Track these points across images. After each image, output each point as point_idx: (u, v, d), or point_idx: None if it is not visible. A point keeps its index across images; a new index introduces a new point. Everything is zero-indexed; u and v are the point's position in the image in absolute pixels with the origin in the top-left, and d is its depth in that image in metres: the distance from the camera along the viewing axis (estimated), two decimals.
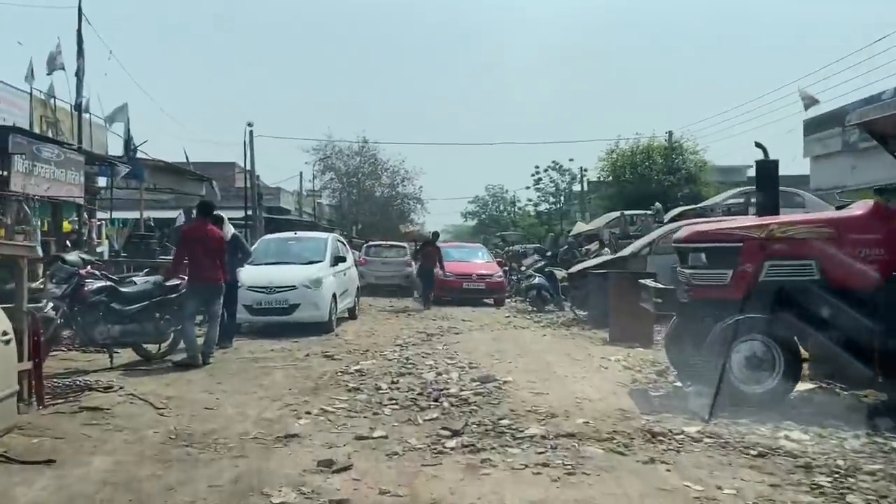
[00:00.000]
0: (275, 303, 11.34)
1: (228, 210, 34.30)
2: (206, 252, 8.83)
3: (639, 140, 35.21)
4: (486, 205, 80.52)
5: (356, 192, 54.12)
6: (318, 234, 14.03)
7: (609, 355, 9.02)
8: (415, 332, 12.14)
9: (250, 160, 31.66)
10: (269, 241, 13.71)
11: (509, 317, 15.55)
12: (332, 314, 11.87)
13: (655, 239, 13.78)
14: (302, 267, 12.03)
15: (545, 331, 12.41)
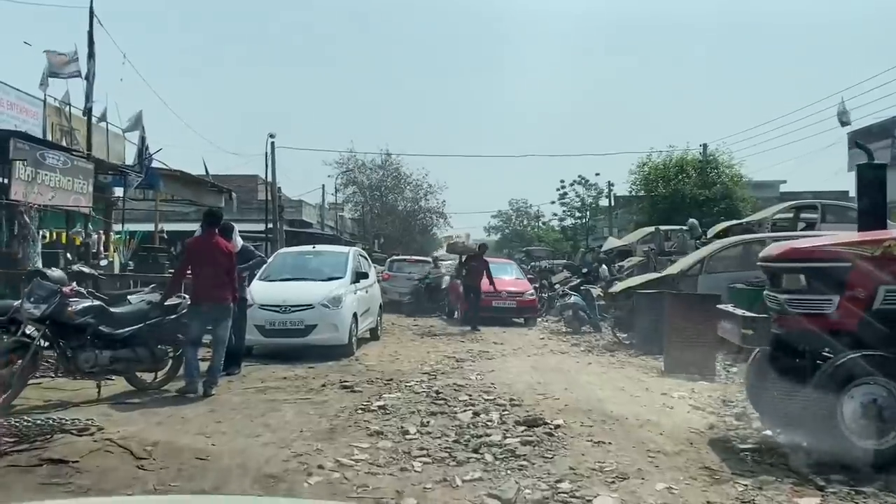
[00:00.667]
0: (289, 323, 10.27)
1: (249, 223, 33.94)
2: (213, 267, 7.80)
3: (672, 153, 33.98)
4: (510, 219, 79.51)
5: (379, 205, 53.48)
6: (339, 249, 13.01)
7: (670, 390, 7.80)
8: (443, 356, 11.00)
9: (272, 172, 30.84)
10: (286, 255, 12.66)
11: (544, 339, 14.35)
12: (353, 336, 10.78)
13: (707, 256, 12.55)
14: (320, 284, 10.96)
15: (588, 357, 11.20)
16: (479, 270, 15.87)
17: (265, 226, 31.22)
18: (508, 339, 14.05)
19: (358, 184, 52.55)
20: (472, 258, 16.82)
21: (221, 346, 8.00)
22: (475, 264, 16.17)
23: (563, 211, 62.21)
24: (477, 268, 15.97)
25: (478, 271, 15.87)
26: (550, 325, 17.71)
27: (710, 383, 8.42)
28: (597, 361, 10.36)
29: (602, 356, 11.28)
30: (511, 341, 13.67)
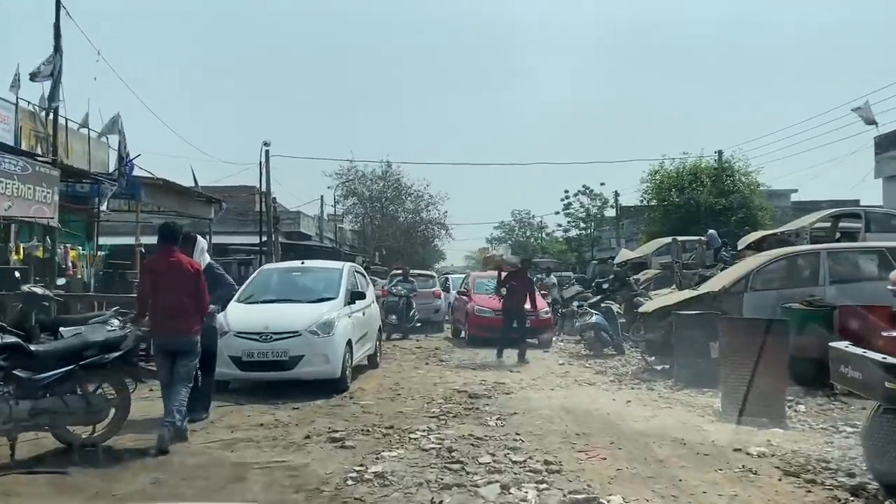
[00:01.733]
0: (271, 354, 8.67)
1: (246, 235, 32.45)
2: (175, 292, 6.28)
3: (685, 160, 32.43)
4: (513, 230, 78.09)
5: (379, 217, 52.17)
6: (331, 264, 11.40)
7: (743, 443, 6.18)
8: (453, 390, 9.40)
9: (266, 181, 29.31)
10: (269, 272, 11.05)
11: (563, 364, 12.74)
12: (347, 368, 9.18)
13: (753, 271, 10.95)
14: (308, 307, 9.36)
15: (622, 390, 9.57)
16: (521, 290, 13.18)
17: (259, 238, 29.68)
18: (525, 367, 12.43)
19: (358, 195, 51.33)
20: (513, 276, 13.49)
21: (184, 387, 6.48)
22: (516, 283, 13.26)
23: (568, 221, 60.65)
24: (519, 287, 13.19)
25: (520, 292, 13.17)
26: (566, 345, 16.10)
27: (785, 430, 6.82)
28: (636, 398, 8.72)
29: (637, 388, 9.66)
30: (528, 368, 12.06)
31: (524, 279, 13.56)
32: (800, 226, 15.65)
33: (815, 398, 8.47)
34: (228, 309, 9.24)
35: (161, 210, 22.82)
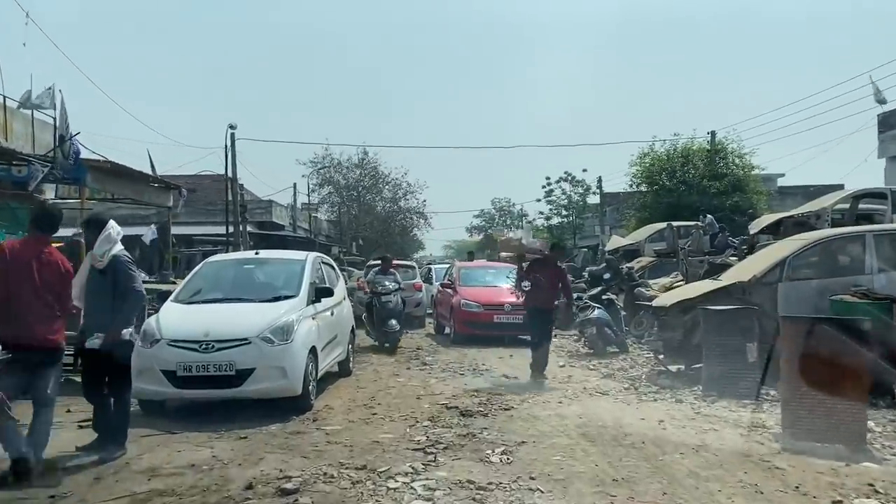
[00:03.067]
0: (213, 368, 6.91)
1: (213, 225, 30.44)
2: (34, 293, 4.59)
3: (677, 142, 30.92)
4: (493, 219, 76.55)
5: (356, 206, 50.42)
6: (292, 255, 9.52)
7: (839, 488, 4.57)
8: (440, 405, 7.73)
9: (231, 166, 27.31)
10: (216, 265, 9.13)
11: (564, 366, 11.11)
12: (310, 382, 7.45)
13: (789, 257, 9.37)
14: (262, 307, 7.60)
15: (644, 401, 7.94)
16: (549, 284, 9.98)
17: (226, 228, 27.75)
18: (521, 368, 10.75)
19: (334, 183, 49.49)
20: (538, 266, 10.15)
21: (47, 412, 4.87)
22: (542, 275, 9.94)
23: (550, 209, 59.14)
24: (546, 280, 9.94)
25: (547, 286, 9.97)
26: (561, 341, 14.48)
27: (878, 465, 5.23)
28: (667, 415, 7.08)
29: (661, 399, 8.04)
30: (525, 372, 10.38)
31: (553, 269, 10.21)
32: (820, 206, 14.11)
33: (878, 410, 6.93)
34: (162, 311, 7.52)
35: (115, 198, 20.90)
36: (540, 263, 10.19)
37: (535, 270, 10.09)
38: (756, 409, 7.34)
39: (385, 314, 12.93)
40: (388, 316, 12.94)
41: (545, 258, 10.35)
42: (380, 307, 13.02)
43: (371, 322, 13.38)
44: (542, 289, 9.99)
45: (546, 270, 10.06)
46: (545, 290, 9.99)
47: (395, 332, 12.89)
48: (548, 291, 10.01)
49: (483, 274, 15.93)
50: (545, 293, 10.01)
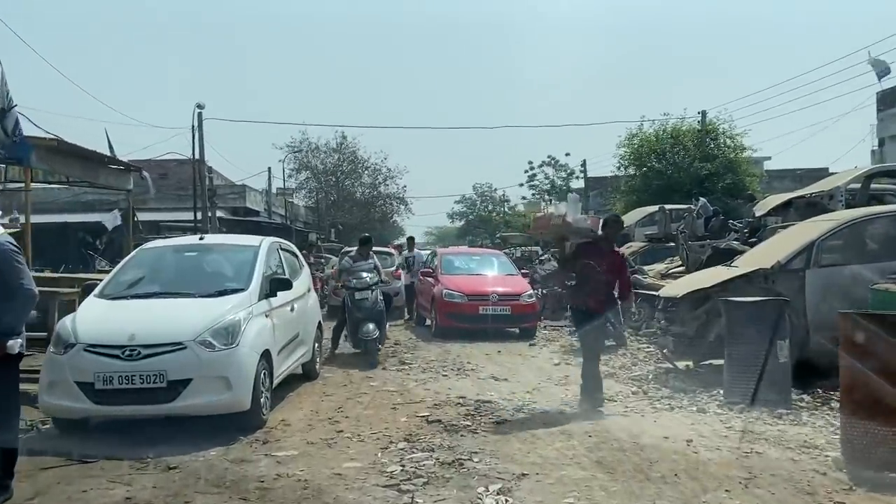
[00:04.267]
0: (140, 378, 5.61)
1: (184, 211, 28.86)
2: None
3: (666, 122, 29.79)
4: (474, 205, 75.36)
5: (335, 192, 49.01)
6: (244, 241, 8.03)
7: None
8: (420, 418, 6.50)
9: (199, 147, 25.76)
10: (150, 253, 7.65)
11: (559, 364, 9.94)
12: (262, 394, 6.15)
13: (817, 240, 8.19)
14: (202, 303, 6.28)
15: (659, 410, 6.76)
16: (603, 276, 7.24)
17: (194, 214, 26.26)
18: (510, 367, 9.61)
19: (311, 168, 48.01)
20: (587, 250, 7.38)
21: None
22: (592, 261, 7.20)
23: (532, 194, 58.12)
24: (597, 270, 7.19)
25: (601, 279, 7.24)
26: (551, 333, 13.32)
27: None
28: (692, 430, 5.88)
29: (679, 407, 6.86)
30: (516, 372, 9.23)
31: (609, 256, 7.32)
32: (833, 185, 12.97)
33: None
34: (81, 308, 6.20)
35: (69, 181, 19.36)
36: (590, 248, 7.31)
37: (582, 257, 7.32)
38: (796, 421, 6.18)
39: (360, 315, 9.93)
40: (363, 318, 9.87)
41: (597, 241, 7.40)
42: (353, 306, 10.04)
43: (345, 324, 10.54)
44: (593, 283, 7.18)
45: (599, 258, 7.17)
46: (598, 285, 7.17)
47: (372, 339, 9.76)
48: (601, 287, 7.22)
49: (467, 261, 14.68)
50: (598, 289, 7.19)
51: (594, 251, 7.29)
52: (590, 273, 7.21)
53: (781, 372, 6.86)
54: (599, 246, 7.34)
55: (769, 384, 6.82)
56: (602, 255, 7.22)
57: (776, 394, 6.76)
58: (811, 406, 6.74)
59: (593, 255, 7.25)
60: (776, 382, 6.81)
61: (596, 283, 7.20)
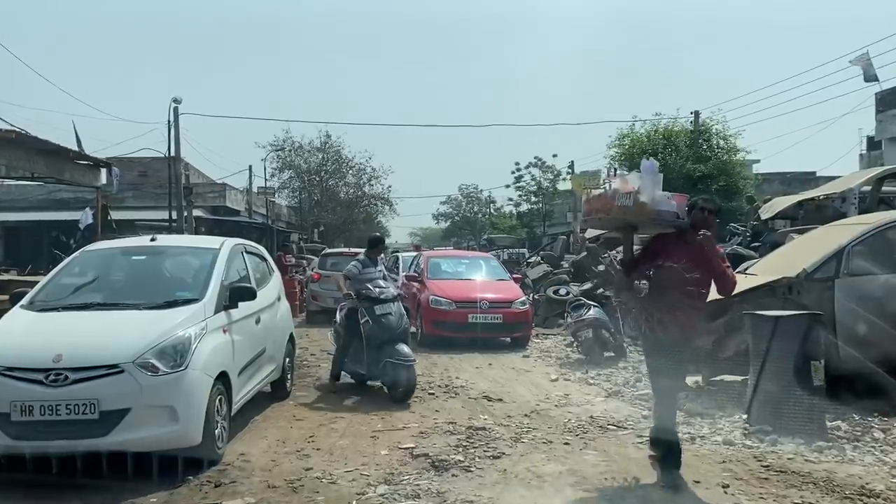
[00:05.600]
0: (67, 408, 4.64)
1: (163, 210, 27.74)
2: None
3: (658, 122, 29.06)
4: (460, 206, 74.65)
5: (318, 192, 47.97)
6: (201, 242, 7.12)
7: None
8: (403, 450, 5.58)
9: (175, 143, 24.63)
10: (93, 256, 6.51)
11: (557, 380, 9.04)
12: (216, 425, 5.20)
13: (845, 248, 7.34)
14: (147, 317, 5.30)
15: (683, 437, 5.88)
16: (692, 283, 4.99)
17: (169, 213, 25.16)
18: (503, 383, 8.70)
19: (295, 167, 46.94)
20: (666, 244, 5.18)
21: None
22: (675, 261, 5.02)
23: (519, 195, 57.42)
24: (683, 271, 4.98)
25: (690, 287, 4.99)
26: (544, 342, 12.46)
27: None
28: (726, 471, 5.00)
29: (699, 436, 5.98)
30: (510, 389, 8.32)
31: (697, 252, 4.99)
32: (846, 187, 12.21)
33: None
34: (1, 322, 5.22)
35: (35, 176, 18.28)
36: (671, 242, 5.13)
37: (660, 255, 5.15)
38: (840, 456, 5.33)
39: (385, 335, 7.63)
40: (391, 338, 7.62)
41: (681, 231, 5.08)
42: (373, 324, 7.67)
43: (352, 347, 8.11)
44: (674, 293, 4.98)
45: (684, 256, 4.98)
46: (682, 295, 4.97)
47: (409, 364, 7.52)
48: (687, 298, 4.98)
49: (455, 265, 13.76)
50: (681, 301, 4.98)
51: (677, 246, 5.04)
52: (671, 278, 4.99)
53: (816, 397, 6.02)
54: (684, 239, 5.03)
55: (802, 411, 5.98)
56: (689, 252, 4.97)
57: (810, 422, 5.92)
58: (850, 436, 5.90)
59: (676, 253, 5.01)
60: (810, 409, 5.97)
61: (679, 292, 4.96)
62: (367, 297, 7.77)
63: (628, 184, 5.07)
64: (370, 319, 7.68)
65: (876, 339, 6.86)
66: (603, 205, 5.28)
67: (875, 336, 6.86)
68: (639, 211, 5.01)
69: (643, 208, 4.98)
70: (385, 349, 7.55)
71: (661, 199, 5.07)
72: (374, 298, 7.74)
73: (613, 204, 5.10)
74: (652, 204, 4.98)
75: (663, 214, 5.07)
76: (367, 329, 7.71)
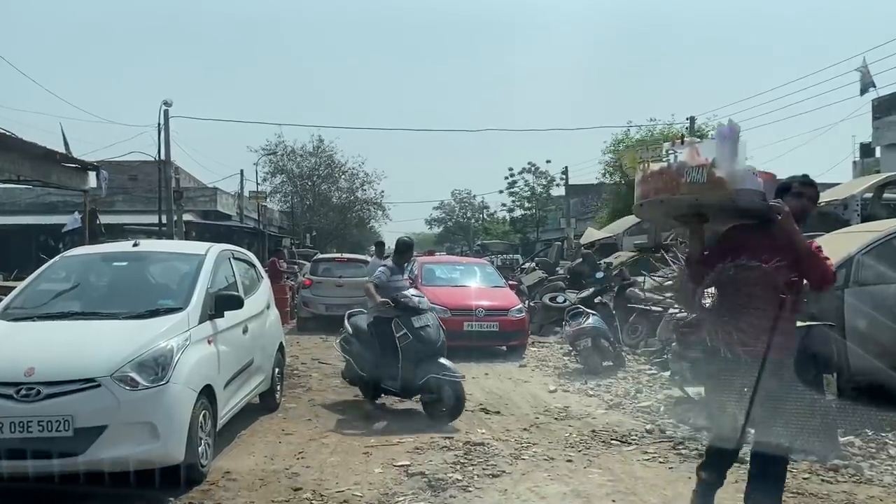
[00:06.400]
0: (39, 425, 4.35)
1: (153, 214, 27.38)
2: None
3: (653, 127, 28.96)
4: (453, 211, 74.52)
5: (311, 196, 47.68)
6: (186, 249, 6.77)
7: None
8: (398, 468, 5.30)
9: (165, 146, 24.29)
10: (72, 262, 6.18)
11: (556, 391, 8.78)
12: (200, 442, 4.90)
13: (855, 256, 7.11)
14: (127, 327, 5.00)
15: (688, 456, 5.61)
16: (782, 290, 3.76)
17: (159, 217, 24.81)
18: (500, 395, 8.42)
19: (287, 172, 46.66)
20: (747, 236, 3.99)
21: None
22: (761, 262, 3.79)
23: (512, 201, 57.37)
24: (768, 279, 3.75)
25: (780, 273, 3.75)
26: (540, 350, 12.20)
27: None
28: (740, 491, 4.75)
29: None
30: (508, 401, 8.05)
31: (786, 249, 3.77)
32: (848, 194, 12.02)
33: None
34: None
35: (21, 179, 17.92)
36: (755, 233, 3.97)
37: (738, 250, 3.91)
38: (857, 476, 5.08)
39: (427, 349, 6.97)
40: (433, 352, 6.98)
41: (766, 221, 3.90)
42: (414, 338, 6.95)
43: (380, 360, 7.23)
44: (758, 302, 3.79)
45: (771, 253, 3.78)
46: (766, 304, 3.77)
47: (456, 378, 6.85)
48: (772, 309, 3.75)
49: (449, 271, 13.49)
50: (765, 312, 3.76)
51: (763, 240, 3.84)
52: (756, 281, 3.76)
53: (829, 412, 5.78)
54: (770, 231, 3.84)
55: (814, 427, 5.72)
56: (777, 248, 3.76)
57: (823, 439, 5.67)
58: (865, 453, 5.66)
59: (762, 248, 3.79)
60: (823, 425, 5.72)
61: (763, 300, 3.74)
62: (404, 307, 7.08)
63: (700, 154, 3.98)
64: (408, 332, 6.95)
65: (889, 350, 6.62)
66: (666, 182, 4.04)
67: (888, 346, 6.63)
68: (714, 189, 3.83)
69: (720, 186, 3.82)
70: (425, 364, 6.87)
71: (744, 174, 3.87)
72: (412, 308, 7.07)
73: (680, 181, 3.93)
74: (731, 180, 3.81)
75: (746, 195, 3.83)
76: (406, 343, 6.95)
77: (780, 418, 3.89)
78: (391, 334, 7.02)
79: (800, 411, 4.08)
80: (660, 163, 4.49)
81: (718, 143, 3.96)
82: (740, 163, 3.92)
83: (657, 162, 4.99)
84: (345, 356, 7.82)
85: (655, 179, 4.17)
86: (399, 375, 7.01)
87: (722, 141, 3.94)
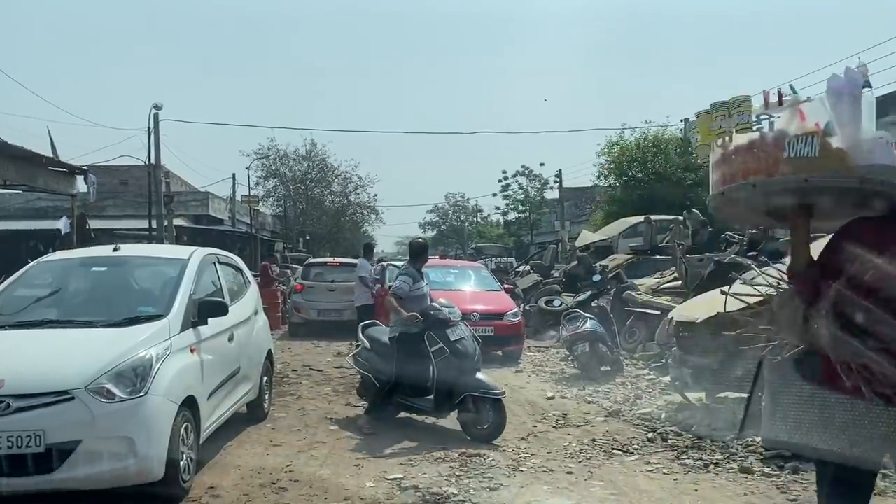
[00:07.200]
0: (8, 440, 4.09)
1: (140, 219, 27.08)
2: None
3: (648, 129, 28.77)
4: (447, 214, 74.36)
5: (304, 200, 47.39)
6: (167, 253, 6.62)
7: None
8: (390, 481, 5.06)
9: (155, 150, 23.97)
10: (49, 268, 5.95)
11: (553, 398, 8.55)
12: (182, 456, 4.64)
13: None
14: (105, 336, 4.75)
15: (693, 468, 5.40)
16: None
17: (149, 222, 24.50)
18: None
19: (280, 176, 46.35)
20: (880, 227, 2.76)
21: None
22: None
23: (506, 204, 57.17)
24: None
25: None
26: (536, 355, 11.98)
27: None
28: None
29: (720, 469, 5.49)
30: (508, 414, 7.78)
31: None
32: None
33: None
34: None
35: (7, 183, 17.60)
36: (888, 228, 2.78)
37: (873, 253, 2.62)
38: None
39: (465, 364, 6.46)
40: (470, 368, 6.49)
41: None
42: (452, 353, 6.44)
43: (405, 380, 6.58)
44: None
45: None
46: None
47: (497, 395, 6.40)
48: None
49: (444, 274, 13.25)
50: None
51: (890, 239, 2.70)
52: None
53: None
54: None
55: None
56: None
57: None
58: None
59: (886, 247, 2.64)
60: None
61: None
62: (435, 321, 6.51)
63: (807, 118, 2.81)
64: (444, 346, 6.40)
65: None
66: (759, 161, 2.89)
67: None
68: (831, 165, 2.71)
69: (838, 161, 2.70)
70: (462, 381, 6.35)
71: (873, 143, 2.74)
72: (444, 321, 6.48)
73: (781, 156, 2.81)
74: (855, 153, 2.70)
75: (879, 173, 2.70)
76: (442, 358, 6.39)
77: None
78: (424, 350, 6.46)
79: None
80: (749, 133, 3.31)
81: (833, 101, 2.79)
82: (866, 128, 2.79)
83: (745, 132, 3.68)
84: (361, 372, 7.24)
85: (743, 156, 2.97)
86: (433, 393, 6.49)
87: (838, 98, 2.78)
